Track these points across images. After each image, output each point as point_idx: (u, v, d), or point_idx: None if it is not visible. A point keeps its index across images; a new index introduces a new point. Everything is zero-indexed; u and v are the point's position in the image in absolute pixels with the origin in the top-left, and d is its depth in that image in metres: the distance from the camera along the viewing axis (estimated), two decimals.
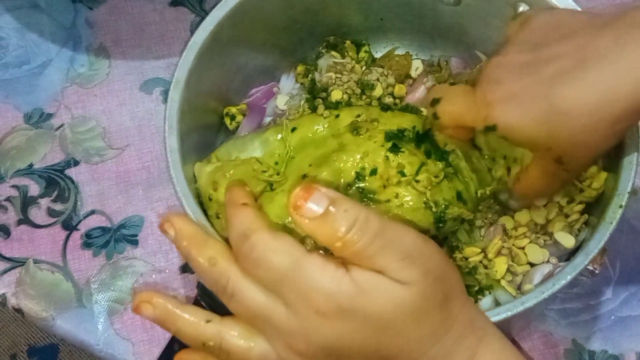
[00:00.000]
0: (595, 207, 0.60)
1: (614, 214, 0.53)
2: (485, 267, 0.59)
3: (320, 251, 0.42)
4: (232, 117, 0.66)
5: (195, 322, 0.42)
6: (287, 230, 0.48)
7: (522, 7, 0.61)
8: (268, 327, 0.41)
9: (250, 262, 0.40)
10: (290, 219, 0.49)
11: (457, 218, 0.55)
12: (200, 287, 0.49)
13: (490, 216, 0.60)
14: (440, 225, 0.54)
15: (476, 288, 0.58)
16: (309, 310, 0.39)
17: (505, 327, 0.48)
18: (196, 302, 0.47)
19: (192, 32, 0.60)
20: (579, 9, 0.57)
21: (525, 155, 0.53)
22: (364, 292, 0.39)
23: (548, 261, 0.60)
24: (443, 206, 0.54)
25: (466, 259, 0.59)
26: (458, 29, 0.68)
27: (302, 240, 0.46)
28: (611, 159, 0.57)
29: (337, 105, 0.61)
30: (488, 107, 0.48)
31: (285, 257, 0.40)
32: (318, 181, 0.51)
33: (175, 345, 0.45)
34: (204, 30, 0.59)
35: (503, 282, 0.59)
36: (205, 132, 0.64)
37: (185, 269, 0.69)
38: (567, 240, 0.60)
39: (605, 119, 0.44)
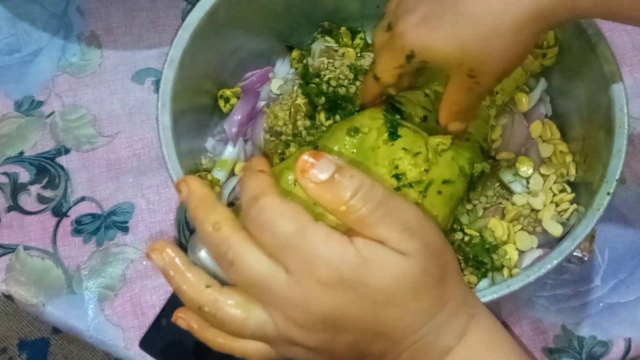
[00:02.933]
0: (585, 198, 0.60)
1: (601, 201, 0.54)
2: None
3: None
4: (227, 100, 0.66)
5: (195, 284, 0.42)
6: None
7: None
8: (267, 296, 0.40)
9: (257, 225, 0.40)
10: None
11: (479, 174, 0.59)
12: None
13: (491, 197, 0.60)
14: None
15: (487, 266, 0.58)
16: (310, 279, 0.39)
17: (493, 310, 0.48)
18: None
19: (183, 20, 0.60)
20: None
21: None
22: (366, 263, 0.39)
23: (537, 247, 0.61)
24: (468, 165, 0.56)
25: (482, 236, 0.60)
26: None
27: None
28: (599, 149, 0.58)
29: (335, 103, 0.61)
30: (402, 38, 0.49)
31: (291, 222, 0.40)
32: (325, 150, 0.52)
33: (162, 320, 0.45)
34: (200, 9, 0.59)
35: (515, 271, 0.59)
36: (199, 114, 0.65)
37: None
38: (555, 229, 0.60)
39: (508, 23, 0.46)
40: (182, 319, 0.44)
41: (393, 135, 0.55)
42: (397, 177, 0.54)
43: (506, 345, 0.44)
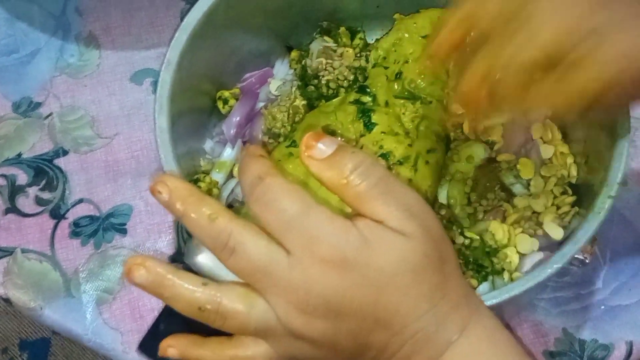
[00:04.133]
0: (586, 200, 0.60)
1: (602, 204, 0.53)
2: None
3: None
4: (225, 101, 0.66)
5: (190, 286, 0.41)
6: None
7: None
8: (268, 281, 0.40)
9: (262, 204, 0.40)
10: None
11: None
12: None
13: (492, 200, 0.60)
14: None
15: (488, 270, 0.58)
16: (313, 259, 0.39)
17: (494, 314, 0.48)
18: None
19: (182, 19, 0.60)
20: None
21: None
22: (368, 244, 0.39)
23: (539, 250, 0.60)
24: (441, 128, 0.57)
25: (482, 239, 0.59)
26: None
27: None
28: (601, 151, 0.57)
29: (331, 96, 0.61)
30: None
31: (296, 202, 0.40)
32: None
33: (160, 325, 0.44)
34: (197, 10, 0.58)
35: (515, 274, 0.59)
36: (197, 115, 0.64)
37: (175, 258, 0.68)
38: (556, 232, 0.60)
39: None
40: (172, 346, 0.43)
41: (369, 126, 0.55)
42: (384, 156, 0.53)
43: (507, 342, 0.44)
